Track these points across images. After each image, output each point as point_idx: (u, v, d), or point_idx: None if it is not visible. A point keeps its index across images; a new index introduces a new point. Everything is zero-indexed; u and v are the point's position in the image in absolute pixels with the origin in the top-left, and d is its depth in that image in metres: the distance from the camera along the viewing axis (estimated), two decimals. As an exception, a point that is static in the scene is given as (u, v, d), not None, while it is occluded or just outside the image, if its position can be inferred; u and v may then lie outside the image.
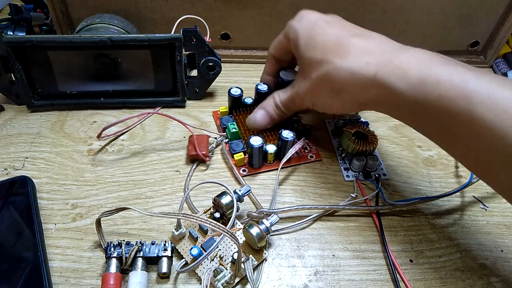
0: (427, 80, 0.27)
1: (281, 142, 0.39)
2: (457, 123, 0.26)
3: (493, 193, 0.39)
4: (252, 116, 0.40)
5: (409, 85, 0.28)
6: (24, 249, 0.31)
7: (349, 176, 0.40)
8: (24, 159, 0.39)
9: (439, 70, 0.27)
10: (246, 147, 0.40)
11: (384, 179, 0.40)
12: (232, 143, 0.40)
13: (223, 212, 0.33)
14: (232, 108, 0.44)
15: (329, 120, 0.45)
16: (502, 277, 0.33)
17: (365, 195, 0.37)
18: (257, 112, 0.40)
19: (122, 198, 0.37)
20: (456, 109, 0.26)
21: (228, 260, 0.31)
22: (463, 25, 0.51)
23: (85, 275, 0.31)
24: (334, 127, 0.45)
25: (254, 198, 0.37)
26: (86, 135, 0.42)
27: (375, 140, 0.40)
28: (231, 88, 0.43)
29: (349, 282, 0.32)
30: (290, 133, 0.38)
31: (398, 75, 0.28)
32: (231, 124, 0.41)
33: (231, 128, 0.40)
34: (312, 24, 0.35)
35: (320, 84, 0.34)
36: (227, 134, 0.41)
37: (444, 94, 0.26)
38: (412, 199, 0.37)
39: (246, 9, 0.49)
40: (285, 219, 0.36)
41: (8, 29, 0.51)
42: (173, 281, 0.31)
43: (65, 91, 0.44)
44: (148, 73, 0.44)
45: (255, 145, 0.37)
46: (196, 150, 0.39)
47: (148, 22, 0.50)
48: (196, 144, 0.39)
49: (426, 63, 0.28)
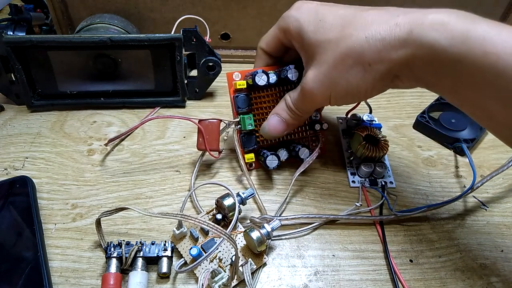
0: (472, 34, 0.25)
1: (295, 154, 0.38)
2: (504, 83, 0.24)
3: (493, 194, 0.39)
4: (266, 124, 0.36)
5: (452, 39, 0.25)
6: (24, 249, 0.31)
7: (355, 182, 0.39)
8: (24, 159, 0.39)
9: (484, 25, 0.25)
10: (256, 144, 0.38)
11: (390, 187, 0.39)
12: (244, 138, 0.38)
13: (225, 214, 0.33)
14: (251, 87, 0.37)
15: (341, 118, 0.44)
16: (502, 277, 0.33)
17: (370, 205, 0.37)
18: (270, 118, 0.36)
19: (122, 198, 0.37)
20: (503, 66, 0.24)
21: (227, 262, 0.31)
22: (463, 25, 0.51)
23: (85, 275, 0.31)
24: (346, 126, 0.43)
25: (259, 200, 0.36)
26: (86, 135, 0.42)
27: (386, 146, 0.39)
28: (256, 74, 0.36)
29: (349, 282, 0.32)
30: (305, 150, 0.38)
31: (439, 29, 0.26)
32: (247, 119, 0.36)
33: (247, 123, 0.36)
34: (314, 10, 0.33)
35: (341, 63, 0.30)
36: (240, 123, 0.37)
37: (491, 51, 0.24)
38: (418, 208, 0.36)
39: (246, 9, 0.49)
40: (287, 223, 0.35)
41: (8, 29, 0.51)
42: (172, 281, 0.31)
43: (65, 91, 0.44)
44: (148, 73, 0.44)
45: (270, 166, 0.37)
46: (205, 145, 0.36)
47: (148, 22, 0.50)
48: (205, 135, 0.36)
49: (468, 17, 0.26)
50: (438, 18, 0.26)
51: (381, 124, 0.43)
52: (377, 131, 0.39)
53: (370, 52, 0.29)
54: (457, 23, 0.25)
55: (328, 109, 0.46)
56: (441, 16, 0.26)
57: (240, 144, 0.38)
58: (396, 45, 0.28)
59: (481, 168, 0.42)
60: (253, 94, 0.37)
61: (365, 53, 0.29)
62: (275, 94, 0.38)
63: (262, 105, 0.38)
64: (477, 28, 0.25)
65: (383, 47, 0.28)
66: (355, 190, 0.39)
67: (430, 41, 0.26)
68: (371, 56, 0.29)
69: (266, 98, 0.38)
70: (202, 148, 0.37)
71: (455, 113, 0.46)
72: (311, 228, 0.35)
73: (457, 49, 0.25)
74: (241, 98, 0.37)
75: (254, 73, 0.36)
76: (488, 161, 0.42)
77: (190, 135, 0.43)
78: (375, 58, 0.29)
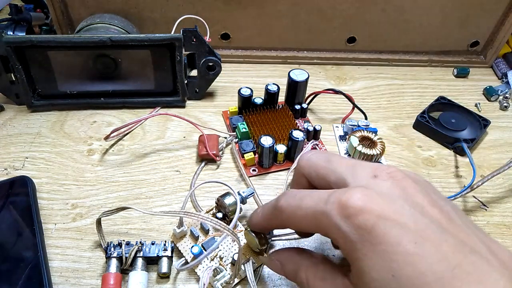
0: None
1: (291, 143, 0.39)
2: None
3: (493, 194, 0.39)
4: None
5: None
6: (24, 249, 0.31)
7: None
8: (24, 159, 0.39)
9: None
10: (256, 147, 0.40)
11: None
12: (242, 143, 0.40)
13: (226, 212, 0.33)
14: (242, 108, 0.44)
15: (337, 124, 0.45)
16: (502, 277, 0.33)
17: None
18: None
19: (122, 198, 0.37)
20: None
21: (228, 261, 0.31)
22: (463, 25, 0.51)
23: (85, 275, 0.31)
24: (342, 132, 0.44)
25: (259, 200, 0.36)
26: (86, 135, 0.42)
27: (382, 146, 0.39)
28: (241, 88, 0.43)
29: (349, 282, 0.32)
30: (300, 133, 0.38)
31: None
32: (241, 124, 0.41)
33: (241, 128, 0.40)
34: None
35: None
36: (237, 134, 0.41)
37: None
38: None
39: (246, 9, 0.49)
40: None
41: (8, 29, 0.51)
42: (173, 281, 0.31)
43: (65, 91, 0.44)
44: (148, 73, 0.44)
45: (266, 145, 0.37)
46: (206, 149, 0.39)
47: (148, 22, 0.50)
48: (206, 143, 0.39)
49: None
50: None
51: (376, 128, 0.44)
52: (373, 133, 0.40)
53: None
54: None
55: (325, 116, 0.46)
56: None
57: (239, 150, 0.40)
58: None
59: (481, 168, 0.42)
60: (244, 113, 0.43)
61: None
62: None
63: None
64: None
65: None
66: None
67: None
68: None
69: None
70: (203, 154, 0.39)
71: (455, 113, 0.46)
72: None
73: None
74: (235, 118, 0.43)
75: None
76: (488, 161, 0.43)
77: (190, 135, 0.43)
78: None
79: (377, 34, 0.52)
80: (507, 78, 0.52)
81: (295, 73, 0.43)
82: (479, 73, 0.54)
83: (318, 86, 0.50)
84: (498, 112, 0.49)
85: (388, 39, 0.53)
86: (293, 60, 0.54)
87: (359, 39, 0.53)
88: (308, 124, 0.43)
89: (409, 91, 0.51)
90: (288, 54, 0.54)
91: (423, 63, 0.55)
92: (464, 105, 0.47)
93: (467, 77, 0.54)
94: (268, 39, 0.53)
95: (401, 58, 0.55)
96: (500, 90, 0.50)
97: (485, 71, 0.55)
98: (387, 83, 0.52)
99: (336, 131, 0.45)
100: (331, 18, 0.50)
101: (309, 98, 0.46)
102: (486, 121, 0.45)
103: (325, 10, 0.49)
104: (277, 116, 0.43)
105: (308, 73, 0.43)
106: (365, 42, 0.53)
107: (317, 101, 0.47)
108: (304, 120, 0.45)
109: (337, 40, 0.53)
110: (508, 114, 0.49)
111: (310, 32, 0.52)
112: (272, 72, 0.53)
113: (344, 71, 0.54)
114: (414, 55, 0.55)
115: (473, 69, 0.54)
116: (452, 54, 0.55)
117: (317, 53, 0.54)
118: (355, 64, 0.55)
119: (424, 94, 0.51)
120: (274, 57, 0.54)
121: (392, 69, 0.55)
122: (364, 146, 0.39)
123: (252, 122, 0.42)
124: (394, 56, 0.55)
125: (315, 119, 0.46)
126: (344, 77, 0.53)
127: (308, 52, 0.54)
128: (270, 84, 0.43)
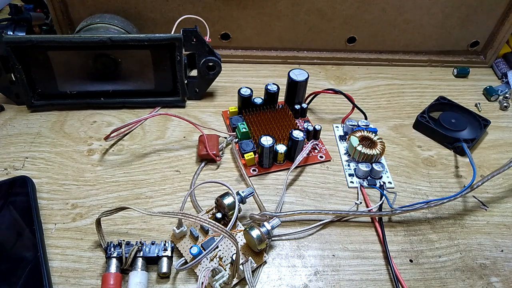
0: None
1: (291, 142, 0.39)
2: None
3: (493, 194, 0.39)
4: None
5: None
6: (24, 249, 0.31)
7: (353, 182, 0.39)
8: (24, 159, 0.39)
9: None
10: (256, 147, 0.40)
11: (389, 187, 0.39)
12: (242, 142, 0.40)
13: (225, 212, 0.33)
14: (241, 108, 0.44)
15: (337, 124, 0.45)
16: (502, 277, 0.33)
17: (370, 205, 0.37)
18: None
19: (122, 198, 0.37)
20: None
21: (228, 261, 0.31)
22: (463, 25, 0.52)
23: (85, 275, 0.31)
24: (342, 132, 0.44)
25: (259, 200, 0.36)
26: (86, 135, 0.42)
27: (382, 145, 0.39)
28: (241, 88, 0.43)
29: (349, 282, 0.32)
30: (300, 133, 0.38)
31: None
32: (241, 124, 0.41)
33: (241, 127, 0.40)
34: None
35: None
36: (237, 134, 0.41)
37: None
38: (417, 203, 0.36)
39: (246, 9, 0.49)
40: (287, 222, 0.35)
41: (8, 29, 0.51)
42: (172, 281, 0.31)
43: (65, 91, 0.44)
44: (148, 73, 0.44)
45: (266, 145, 0.37)
46: (207, 149, 0.39)
47: (148, 22, 0.50)
48: (206, 143, 0.39)
49: None
50: None
51: (376, 128, 0.43)
52: (372, 133, 0.40)
53: None
54: None
55: (325, 116, 0.46)
56: None
57: (239, 150, 0.40)
58: None
59: (481, 168, 0.42)
60: (244, 113, 0.43)
61: None
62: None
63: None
64: None
65: None
66: (355, 191, 0.39)
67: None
68: None
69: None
70: (203, 154, 0.39)
71: (455, 113, 0.46)
72: (311, 228, 0.35)
73: None
74: (235, 118, 0.43)
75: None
76: (488, 161, 0.43)
77: (190, 135, 0.43)
78: None
79: (377, 34, 0.52)
80: (507, 78, 0.52)
81: (295, 73, 0.43)
82: (479, 73, 0.54)
83: (318, 86, 0.50)
84: (498, 112, 0.49)
85: (388, 39, 0.53)
86: (293, 60, 0.54)
87: (359, 39, 0.53)
88: (308, 124, 0.43)
89: (409, 91, 0.51)
90: (288, 54, 0.54)
91: (423, 63, 0.55)
92: (464, 105, 0.47)
93: (467, 77, 0.54)
94: (268, 39, 0.53)
95: (401, 58, 0.55)
96: (500, 90, 0.50)
97: (485, 71, 0.55)
98: (387, 83, 0.52)
99: (336, 131, 0.45)
100: (331, 18, 0.50)
101: (309, 98, 0.46)
102: (486, 121, 0.45)
103: (325, 10, 0.49)
104: (277, 116, 0.43)
105: (308, 73, 0.43)
106: (365, 42, 0.53)
107: (317, 101, 0.47)
108: (304, 120, 0.45)
109: (337, 40, 0.53)
110: (508, 114, 0.49)
111: (310, 32, 0.52)
112: (272, 72, 0.53)
113: (344, 71, 0.54)
114: (414, 55, 0.55)
115: (473, 69, 0.54)
116: (452, 54, 0.55)
117: (317, 53, 0.54)
118: (355, 64, 0.55)
119: (424, 94, 0.51)
120: (274, 57, 0.54)
121: (392, 69, 0.55)
122: (364, 146, 0.39)
123: (252, 122, 0.42)
124: (394, 56, 0.55)
125: (315, 119, 0.46)
126: (344, 77, 0.53)
127: (308, 52, 0.54)
128: (270, 84, 0.43)
